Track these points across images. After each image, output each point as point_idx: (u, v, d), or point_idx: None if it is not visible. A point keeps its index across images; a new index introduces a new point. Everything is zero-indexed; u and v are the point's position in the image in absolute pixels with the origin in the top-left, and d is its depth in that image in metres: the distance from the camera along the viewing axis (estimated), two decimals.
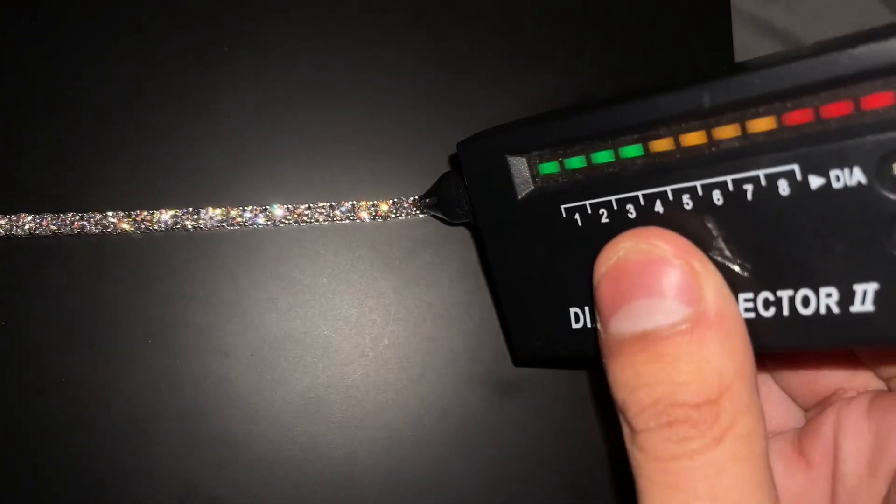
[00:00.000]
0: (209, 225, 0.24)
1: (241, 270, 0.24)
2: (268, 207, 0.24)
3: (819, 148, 0.14)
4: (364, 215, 0.24)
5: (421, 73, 0.25)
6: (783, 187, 0.15)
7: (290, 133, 0.25)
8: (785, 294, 0.15)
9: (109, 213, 0.23)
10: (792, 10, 0.30)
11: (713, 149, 0.16)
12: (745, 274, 0.16)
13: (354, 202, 0.24)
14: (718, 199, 0.16)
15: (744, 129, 0.15)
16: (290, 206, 0.24)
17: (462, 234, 0.25)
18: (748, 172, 0.15)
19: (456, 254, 0.25)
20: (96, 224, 0.23)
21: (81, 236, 0.23)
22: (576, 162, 0.18)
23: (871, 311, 0.14)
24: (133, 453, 0.23)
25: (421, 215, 0.25)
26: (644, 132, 0.16)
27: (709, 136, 0.16)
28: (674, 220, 0.16)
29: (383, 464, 0.24)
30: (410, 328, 0.25)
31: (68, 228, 0.23)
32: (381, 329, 0.25)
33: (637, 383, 0.15)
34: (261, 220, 0.24)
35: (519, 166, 0.19)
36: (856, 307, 0.15)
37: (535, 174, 0.18)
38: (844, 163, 0.14)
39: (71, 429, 0.23)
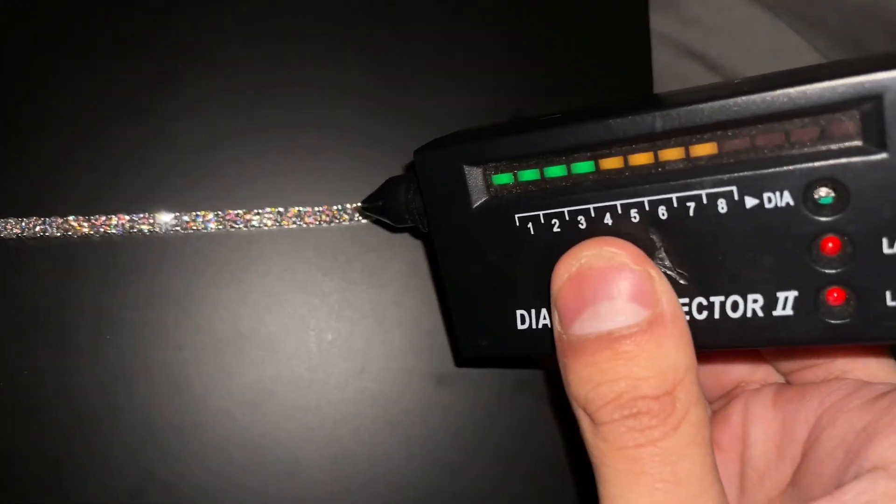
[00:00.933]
0: (164, 229, 0.25)
1: (193, 271, 0.26)
2: (219, 212, 0.26)
3: (754, 173, 0.16)
4: (310, 220, 0.26)
5: (365, 89, 0.28)
6: (722, 206, 0.17)
7: (240, 142, 0.27)
8: (717, 299, 0.17)
9: (70, 218, 0.25)
10: (708, 33, 0.32)
11: (659, 169, 0.17)
12: (683, 281, 0.18)
13: (301, 208, 0.26)
14: (663, 214, 0.17)
15: (688, 152, 0.17)
16: (239, 211, 0.26)
17: (402, 238, 0.27)
18: (691, 192, 0.17)
19: (396, 256, 0.27)
20: (58, 228, 0.25)
21: (44, 239, 0.25)
22: (529, 175, 0.19)
23: (791, 315, 0.17)
24: (92, 442, 0.25)
25: (363, 220, 0.27)
26: (596, 151, 0.18)
27: (655, 157, 0.17)
28: (622, 232, 0.18)
29: (326, 450, 0.26)
30: (353, 325, 0.27)
31: (32, 232, 0.25)
32: (325, 325, 0.27)
33: (600, 379, 0.16)
34: (212, 224, 0.26)
35: (474, 176, 0.19)
36: (777, 311, 0.17)
37: (488, 184, 0.19)
38: (776, 187, 0.16)
39: (33, 420, 0.25)
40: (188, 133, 0.26)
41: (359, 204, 0.26)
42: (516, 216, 0.19)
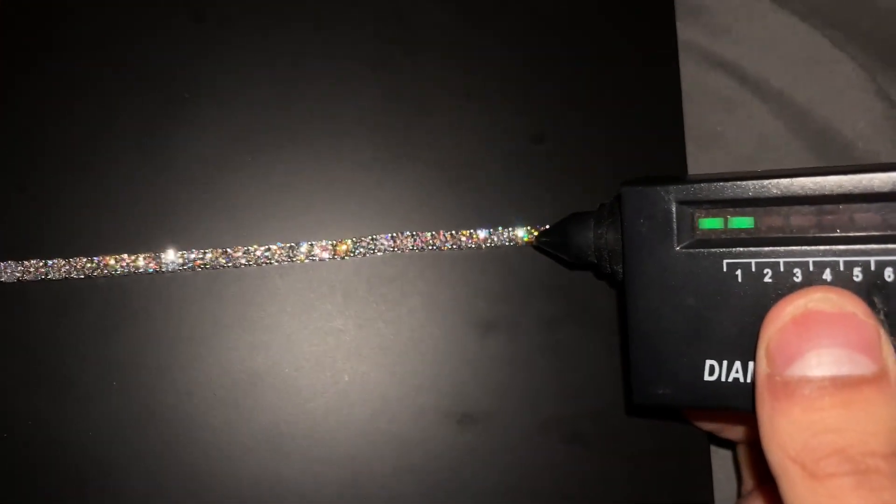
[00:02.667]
0: (169, 268, 0.24)
1: (202, 312, 0.25)
2: (228, 250, 0.24)
3: None
4: (323, 254, 0.25)
5: (379, 116, 0.26)
6: None
7: (247, 175, 0.25)
8: None
9: (73, 259, 0.24)
10: (738, 42, 0.31)
11: (889, 231, 0.17)
12: None
13: (312, 242, 0.25)
14: (889, 276, 0.17)
15: None
16: (249, 247, 0.25)
17: (418, 269, 0.26)
18: None
19: (414, 290, 0.26)
20: (60, 270, 0.24)
21: (45, 282, 0.24)
22: (742, 222, 0.19)
23: None
24: (99, 495, 0.24)
25: (378, 253, 0.25)
26: (821, 206, 0.18)
27: (885, 216, 0.17)
28: None
29: (344, 498, 0.25)
30: (370, 364, 0.25)
31: (32, 275, 0.24)
32: (341, 365, 0.25)
33: (823, 427, 0.15)
34: (220, 261, 0.24)
35: (683, 217, 0.19)
36: None
37: (694, 227, 0.19)
38: None
39: (37, 472, 0.24)
40: (192, 167, 0.25)
41: (527, 235, 0.25)
42: (724, 262, 0.19)
